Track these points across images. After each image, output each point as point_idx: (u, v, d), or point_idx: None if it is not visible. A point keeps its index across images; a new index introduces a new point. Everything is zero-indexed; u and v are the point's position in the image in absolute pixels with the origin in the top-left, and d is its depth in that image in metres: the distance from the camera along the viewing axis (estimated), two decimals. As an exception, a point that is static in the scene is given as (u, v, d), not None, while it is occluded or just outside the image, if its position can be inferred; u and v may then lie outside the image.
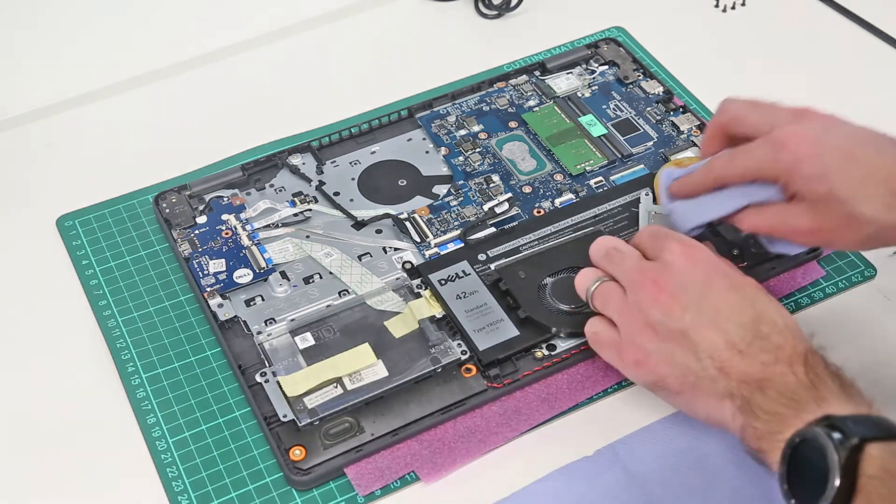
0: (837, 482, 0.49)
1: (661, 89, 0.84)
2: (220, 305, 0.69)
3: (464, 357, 0.66)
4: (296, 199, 0.76)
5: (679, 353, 0.58)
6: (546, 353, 0.66)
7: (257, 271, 0.71)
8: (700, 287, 0.59)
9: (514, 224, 0.74)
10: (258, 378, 0.65)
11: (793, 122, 0.61)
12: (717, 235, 0.72)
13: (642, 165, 0.78)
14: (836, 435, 0.50)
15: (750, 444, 0.55)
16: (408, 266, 0.71)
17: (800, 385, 0.54)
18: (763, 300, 0.59)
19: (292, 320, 0.68)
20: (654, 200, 0.74)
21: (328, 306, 0.69)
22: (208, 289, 0.70)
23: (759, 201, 0.62)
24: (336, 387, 0.64)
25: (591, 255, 0.65)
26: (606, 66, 0.86)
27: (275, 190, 0.77)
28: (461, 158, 0.79)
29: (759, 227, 0.63)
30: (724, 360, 0.57)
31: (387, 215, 0.75)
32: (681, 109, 0.82)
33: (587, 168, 0.78)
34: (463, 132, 0.81)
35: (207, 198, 0.76)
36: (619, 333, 0.61)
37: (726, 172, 0.63)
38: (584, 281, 0.64)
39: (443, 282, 0.69)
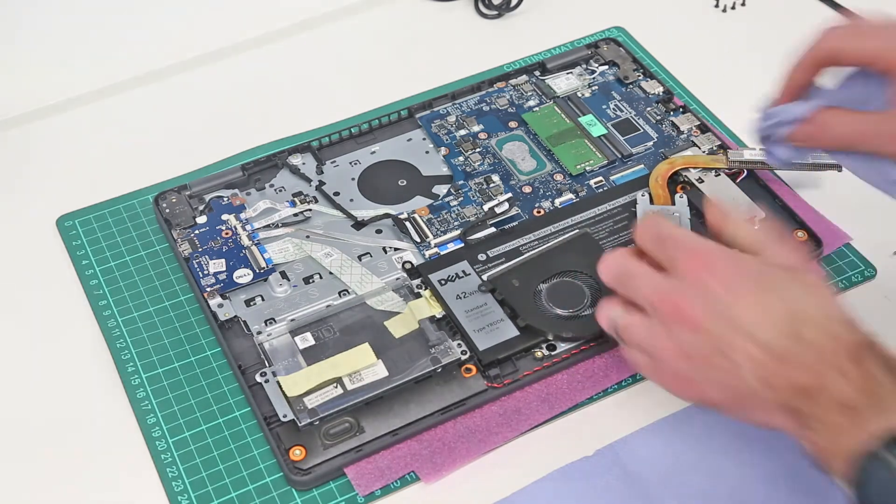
0: None
1: (661, 89, 0.84)
2: (220, 305, 0.69)
3: (464, 357, 0.66)
4: (296, 199, 0.76)
5: (719, 374, 0.54)
6: (546, 353, 0.66)
7: (257, 271, 0.71)
8: (724, 298, 0.54)
9: (514, 224, 0.74)
10: (258, 378, 0.65)
11: None
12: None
13: (642, 165, 0.78)
14: None
15: (816, 459, 0.52)
16: (408, 266, 0.71)
17: (853, 388, 0.50)
18: (796, 292, 0.54)
19: (292, 320, 0.68)
20: (651, 201, 0.74)
21: (328, 306, 0.69)
22: (208, 289, 0.70)
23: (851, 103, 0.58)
24: (336, 387, 0.64)
25: (601, 277, 0.61)
26: (606, 66, 0.86)
27: (275, 190, 0.77)
28: (461, 158, 0.79)
29: (846, 127, 0.59)
30: (768, 372, 0.52)
31: (387, 215, 0.75)
32: (681, 109, 0.82)
33: (587, 168, 0.78)
34: (463, 132, 0.81)
35: (207, 198, 0.76)
36: (654, 362, 0.58)
37: (841, 44, 0.59)
38: (605, 318, 0.61)
39: (443, 282, 0.69)
